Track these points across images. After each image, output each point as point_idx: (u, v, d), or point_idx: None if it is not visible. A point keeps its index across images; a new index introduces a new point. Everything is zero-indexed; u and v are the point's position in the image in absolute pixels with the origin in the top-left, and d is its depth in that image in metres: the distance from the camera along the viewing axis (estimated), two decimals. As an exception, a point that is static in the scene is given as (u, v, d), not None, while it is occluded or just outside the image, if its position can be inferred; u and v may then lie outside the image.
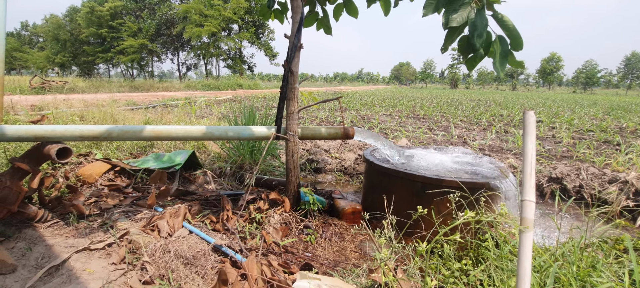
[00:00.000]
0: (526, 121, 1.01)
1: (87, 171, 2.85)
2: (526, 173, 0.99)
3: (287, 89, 2.27)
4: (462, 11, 1.54)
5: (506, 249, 1.61)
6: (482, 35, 1.54)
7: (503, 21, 1.57)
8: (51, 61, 36.08)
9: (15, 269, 1.62)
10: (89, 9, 30.94)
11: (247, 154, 3.50)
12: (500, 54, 1.61)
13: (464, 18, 1.54)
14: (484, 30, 1.54)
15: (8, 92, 13.13)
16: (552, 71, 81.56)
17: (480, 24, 1.53)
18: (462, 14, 1.54)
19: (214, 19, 29.84)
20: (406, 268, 1.65)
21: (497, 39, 1.62)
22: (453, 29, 1.62)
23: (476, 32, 1.54)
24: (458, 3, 1.55)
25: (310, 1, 2.61)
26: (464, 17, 1.54)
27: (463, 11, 1.54)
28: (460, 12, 1.54)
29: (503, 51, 1.60)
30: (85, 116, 5.61)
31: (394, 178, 2.29)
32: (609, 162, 4.35)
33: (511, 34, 1.57)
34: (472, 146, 5.60)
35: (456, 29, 1.61)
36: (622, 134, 7.64)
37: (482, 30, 1.54)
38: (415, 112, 11.65)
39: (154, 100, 12.80)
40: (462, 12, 1.54)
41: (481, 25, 1.53)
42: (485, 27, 1.54)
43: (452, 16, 1.54)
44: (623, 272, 1.45)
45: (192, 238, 1.92)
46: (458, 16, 1.54)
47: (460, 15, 1.54)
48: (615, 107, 17.11)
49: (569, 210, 3.13)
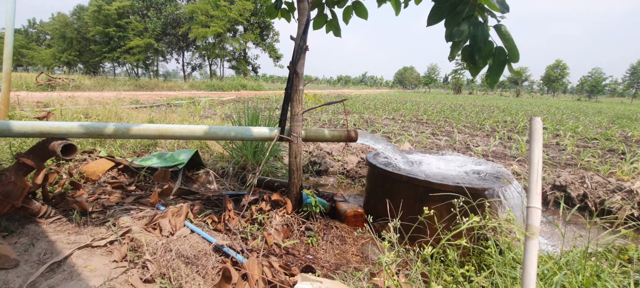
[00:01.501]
0: (533, 127, 1.01)
1: (90, 168, 2.86)
2: (532, 180, 0.98)
3: (292, 90, 2.27)
4: (463, 25, 1.59)
5: (509, 256, 1.59)
6: (481, 49, 1.59)
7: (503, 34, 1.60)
8: (57, 59, 36.38)
9: (17, 264, 1.63)
10: (97, 7, 31.16)
11: (250, 155, 3.51)
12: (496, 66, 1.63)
13: (465, 32, 1.59)
14: (483, 43, 1.58)
15: (15, 88, 13.26)
16: (557, 78, 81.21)
17: (481, 37, 1.57)
18: (464, 27, 1.59)
19: (220, 20, 30.00)
20: (408, 273, 1.64)
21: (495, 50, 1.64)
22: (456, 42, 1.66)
23: (476, 45, 1.58)
24: (460, 17, 1.60)
25: (319, 4, 2.62)
26: (466, 31, 1.59)
27: (464, 25, 1.59)
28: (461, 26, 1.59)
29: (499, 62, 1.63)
30: (90, 113, 5.65)
31: (397, 182, 2.28)
32: (614, 170, 4.31)
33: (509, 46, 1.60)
34: (475, 152, 5.57)
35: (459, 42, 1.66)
36: (627, 142, 7.58)
37: (482, 44, 1.58)
38: (418, 116, 11.62)
39: (158, 99, 12.87)
40: (464, 26, 1.59)
41: (481, 39, 1.58)
42: (485, 40, 1.58)
43: (454, 30, 1.59)
44: (628, 282, 1.44)
45: (194, 238, 1.92)
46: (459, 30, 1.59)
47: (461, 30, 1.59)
48: (620, 116, 16.99)
49: (572, 219, 3.10)
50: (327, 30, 2.75)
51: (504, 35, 1.58)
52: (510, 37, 1.57)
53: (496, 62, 1.61)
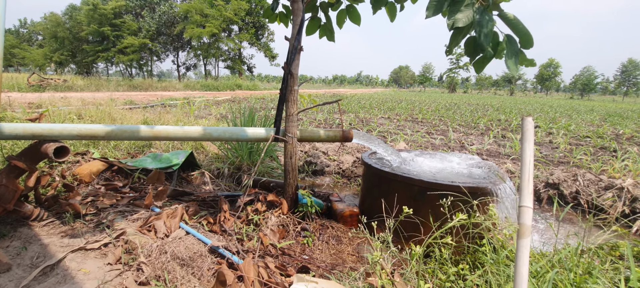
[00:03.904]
0: (525, 127, 1.02)
1: (84, 170, 2.83)
2: (524, 180, 0.99)
3: (287, 91, 2.27)
4: (467, 11, 1.50)
5: (503, 254, 1.61)
6: (489, 34, 1.49)
7: (510, 20, 1.53)
8: (49, 59, 35.91)
9: (10, 268, 1.61)
10: (92, 6, 30.74)
11: (245, 155, 3.50)
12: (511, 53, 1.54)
13: (469, 18, 1.50)
14: (490, 29, 1.49)
15: (6, 89, 13.08)
16: (549, 77, 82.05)
17: (487, 23, 1.49)
18: (467, 13, 1.50)
19: (215, 20, 29.82)
20: (403, 272, 1.65)
21: (505, 38, 1.57)
22: (458, 30, 1.57)
23: (483, 31, 1.49)
24: (462, 3, 1.50)
25: (313, 7, 2.61)
26: (470, 17, 1.50)
27: (467, 11, 1.50)
28: (464, 12, 1.50)
29: (513, 50, 1.54)
30: (83, 115, 5.59)
31: (392, 181, 2.29)
32: (606, 168, 4.37)
33: (520, 32, 1.53)
34: (470, 150, 5.61)
35: (462, 30, 1.56)
36: (618, 140, 7.69)
37: (489, 30, 1.49)
38: (413, 115, 11.67)
39: (152, 99, 12.77)
40: (467, 12, 1.50)
41: (488, 24, 1.49)
42: (492, 27, 1.49)
43: (457, 16, 1.49)
44: (619, 278, 1.46)
45: (189, 240, 1.92)
46: (463, 16, 1.50)
47: (465, 15, 1.50)
48: (611, 114, 17.22)
49: (565, 217, 3.14)
50: (321, 35, 2.73)
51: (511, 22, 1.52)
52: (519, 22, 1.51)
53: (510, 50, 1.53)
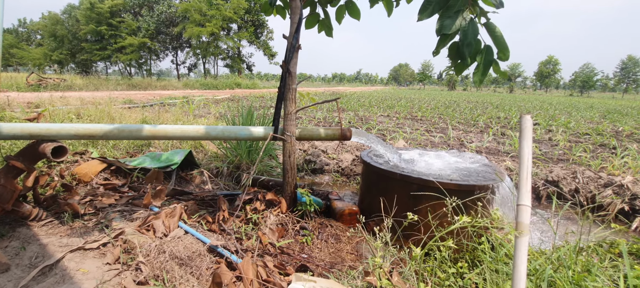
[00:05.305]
0: (523, 125, 1.01)
1: (82, 170, 2.83)
2: (522, 178, 0.99)
3: (285, 89, 2.26)
4: (456, 18, 1.57)
5: (502, 252, 1.61)
6: (471, 44, 1.57)
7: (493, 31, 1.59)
8: (48, 58, 35.81)
9: (8, 268, 1.61)
10: (90, 5, 30.62)
11: (244, 154, 3.49)
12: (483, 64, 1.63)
13: (457, 26, 1.57)
14: (473, 39, 1.56)
15: (4, 88, 13.05)
16: (549, 74, 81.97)
17: (471, 33, 1.56)
18: (456, 21, 1.57)
19: (215, 19, 29.73)
20: (402, 271, 1.65)
21: (484, 48, 1.63)
22: (445, 35, 1.64)
23: (466, 41, 1.57)
24: (453, 10, 1.57)
25: (311, 2, 2.60)
26: (457, 25, 1.57)
27: (457, 19, 1.57)
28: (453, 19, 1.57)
29: (487, 61, 1.62)
30: (82, 114, 5.58)
31: (391, 180, 2.29)
32: (605, 165, 4.37)
33: (500, 45, 1.59)
34: (469, 148, 5.61)
35: (448, 35, 1.63)
36: (618, 137, 7.69)
37: (472, 40, 1.56)
38: (413, 113, 11.67)
39: (151, 98, 12.75)
40: (456, 20, 1.57)
41: (471, 34, 1.56)
42: (475, 36, 1.57)
43: (446, 23, 1.57)
44: (618, 276, 1.46)
45: (188, 239, 1.92)
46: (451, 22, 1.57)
47: (453, 23, 1.57)
48: (611, 111, 17.22)
49: (564, 214, 3.14)
50: (319, 30, 2.73)
51: (494, 33, 1.58)
52: (501, 35, 1.58)
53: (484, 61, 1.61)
